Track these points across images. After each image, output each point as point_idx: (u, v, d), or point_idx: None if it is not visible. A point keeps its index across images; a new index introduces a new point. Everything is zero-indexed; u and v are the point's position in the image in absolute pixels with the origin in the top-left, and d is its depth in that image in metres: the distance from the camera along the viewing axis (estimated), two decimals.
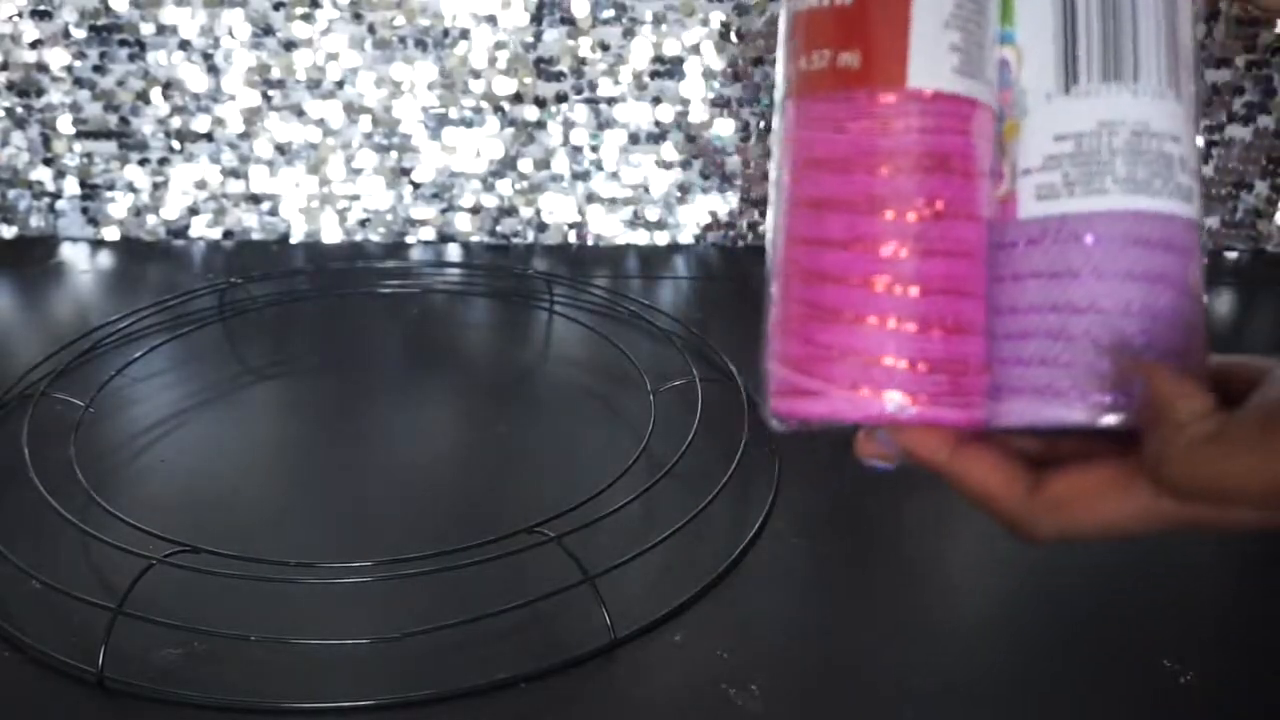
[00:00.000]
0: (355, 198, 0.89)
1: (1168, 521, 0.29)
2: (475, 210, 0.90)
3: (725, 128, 0.87)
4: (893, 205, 0.30)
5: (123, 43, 0.84)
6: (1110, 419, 0.30)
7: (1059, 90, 0.31)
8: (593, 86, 0.85)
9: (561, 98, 0.86)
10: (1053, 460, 0.31)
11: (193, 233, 0.90)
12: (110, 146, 0.87)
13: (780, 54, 0.33)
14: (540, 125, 0.87)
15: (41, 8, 0.83)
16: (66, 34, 0.84)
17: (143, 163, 0.88)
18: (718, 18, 0.83)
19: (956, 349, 0.30)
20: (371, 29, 0.84)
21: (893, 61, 0.30)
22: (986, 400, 0.31)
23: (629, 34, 0.84)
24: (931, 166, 0.30)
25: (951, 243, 0.30)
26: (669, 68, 0.85)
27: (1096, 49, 0.31)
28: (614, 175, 0.88)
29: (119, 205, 0.89)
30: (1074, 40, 0.31)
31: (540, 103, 0.86)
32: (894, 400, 0.30)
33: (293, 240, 0.90)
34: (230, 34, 0.84)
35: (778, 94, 0.33)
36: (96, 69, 0.85)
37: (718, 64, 0.85)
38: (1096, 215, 0.30)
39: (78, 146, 0.87)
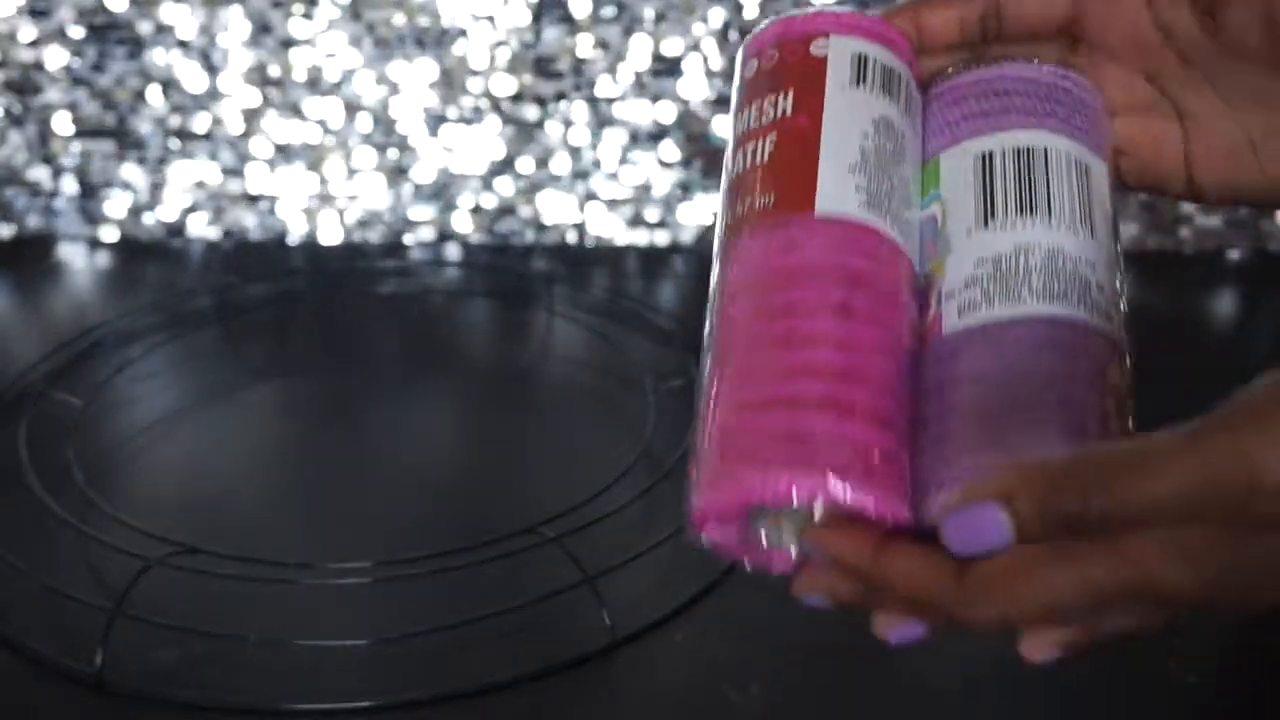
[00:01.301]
0: (354, 197, 0.89)
1: (1111, 583, 0.27)
2: (474, 210, 0.89)
3: (726, 127, 0.87)
4: (807, 310, 0.32)
5: (120, 41, 0.84)
6: None
7: (979, 225, 0.34)
8: (592, 85, 0.85)
9: (561, 96, 0.86)
10: None
11: (191, 232, 0.90)
12: (108, 145, 0.87)
13: (718, 225, 0.36)
14: (539, 125, 0.86)
15: (39, 6, 0.83)
16: (63, 32, 0.84)
17: (141, 162, 0.87)
18: (718, 16, 0.83)
19: (874, 438, 0.31)
20: (370, 27, 0.84)
21: (802, 195, 0.34)
22: (907, 499, 0.31)
23: (629, 32, 0.84)
24: (842, 279, 0.33)
25: (866, 340, 0.32)
26: (669, 66, 0.85)
27: (1013, 189, 0.34)
28: (614, 175, 0.88)
29: (117, 204, 0.89)
30: (991, 185, 0.34)
31: (540, 102, 0.86)
32: (808, 482, 0.30)
33: (291, 240, 0.90)
34: (228, 32, 0.83)
35: (715, 250, 0.36)
36: (94, 67, 0.85)
37: (718, 63, 0.84)
38: (1014, 321, 0.32)
39: (75, 145, 0.87)
